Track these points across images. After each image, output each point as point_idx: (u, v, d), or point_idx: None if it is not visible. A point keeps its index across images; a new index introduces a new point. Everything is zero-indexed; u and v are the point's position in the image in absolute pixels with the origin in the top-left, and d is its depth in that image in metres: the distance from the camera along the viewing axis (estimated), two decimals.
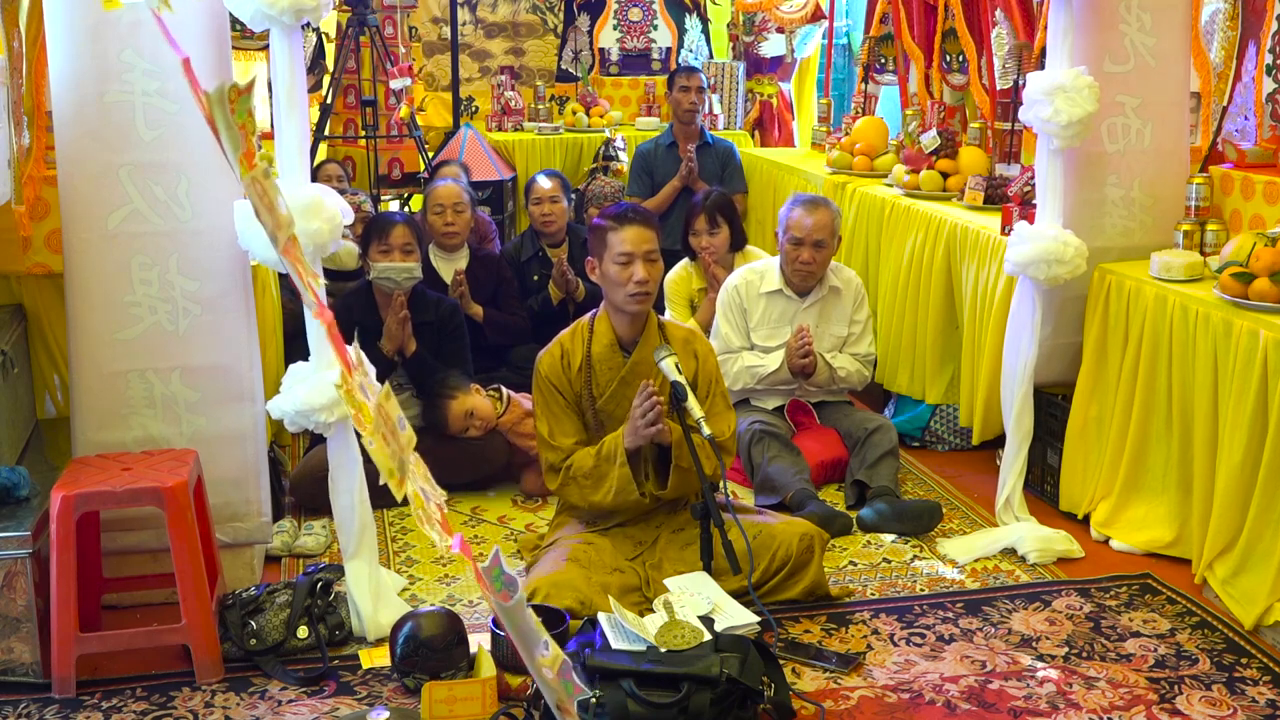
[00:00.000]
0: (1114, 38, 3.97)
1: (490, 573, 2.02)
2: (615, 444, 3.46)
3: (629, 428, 3.43)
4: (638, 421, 3.39)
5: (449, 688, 2.90)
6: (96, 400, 3.40)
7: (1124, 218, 4.10)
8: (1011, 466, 3.93)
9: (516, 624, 2.09)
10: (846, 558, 3.86)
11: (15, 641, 3.07)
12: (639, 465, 3.48)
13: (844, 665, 3.17)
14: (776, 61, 8.08)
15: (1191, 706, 3.00)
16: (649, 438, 3.41)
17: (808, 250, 4.41)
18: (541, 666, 2.14)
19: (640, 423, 3.38)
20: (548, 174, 5.71)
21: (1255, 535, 3.35)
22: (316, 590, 3.30)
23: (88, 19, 3.24)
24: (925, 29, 6.03)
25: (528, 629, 2.10)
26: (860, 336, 4.58)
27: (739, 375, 4.45)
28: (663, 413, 3.38)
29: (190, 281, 3.39)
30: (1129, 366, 3.87)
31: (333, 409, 3.24)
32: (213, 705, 3.03)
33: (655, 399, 3.36)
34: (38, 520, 3.07)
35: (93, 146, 3.30)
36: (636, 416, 3.39)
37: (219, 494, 3.47)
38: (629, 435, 3.43)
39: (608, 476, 3.47)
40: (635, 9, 8.10)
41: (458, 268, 5.08)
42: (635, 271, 3.47)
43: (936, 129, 5.33)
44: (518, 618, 2.08)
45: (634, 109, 7.97)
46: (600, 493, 3.50)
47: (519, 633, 2.11)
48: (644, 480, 3.49)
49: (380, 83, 6.77)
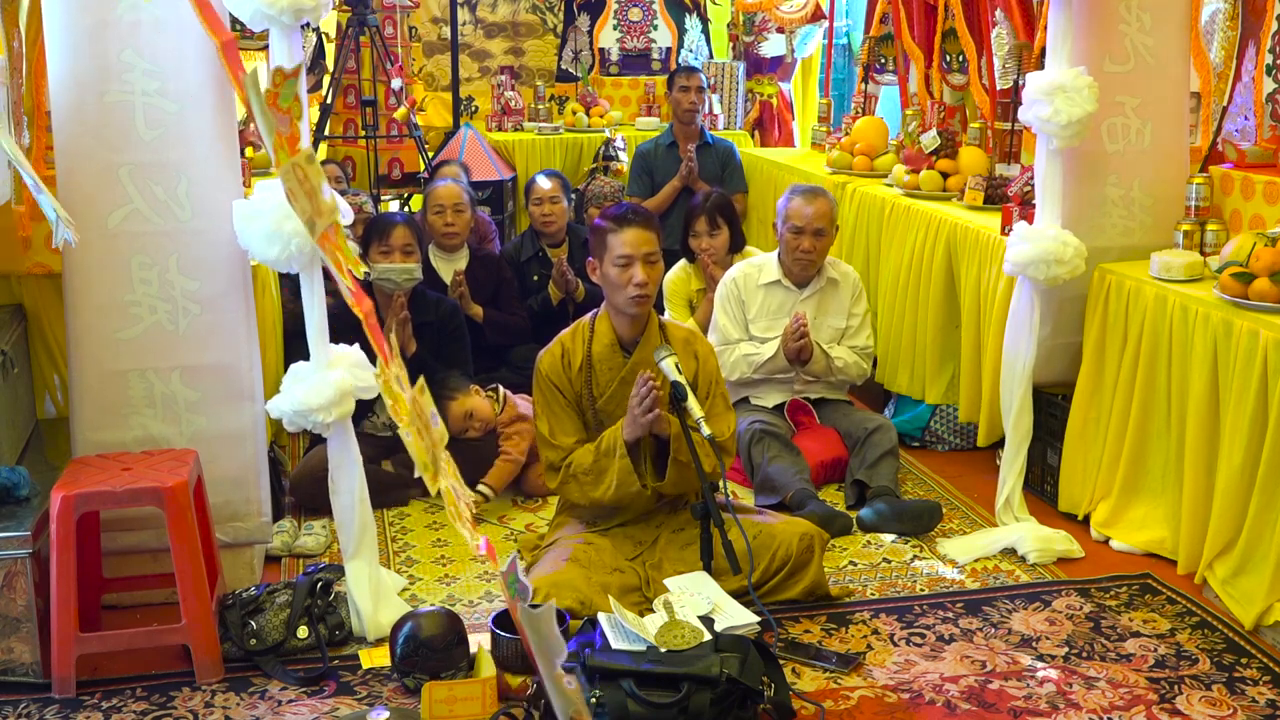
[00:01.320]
0: (1114, 38, 3.97)
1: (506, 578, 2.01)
2: (614, 438, 3.46)
3: (627, 419, 3.43)
4: (635, 410, 3.39)
5: (449, 688, 2.90)
6: (96, 400, 3.40)
7: (1124, 218, 4.10)
8: (1011, 466, 3.93)
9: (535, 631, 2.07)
10: (846, 558, 3.86)
11: (15, 641, 3.07)
12: (639, 460, 3.48)
13: (844, 665, 3.17)
14: (776, 61, 8.08)
15: (1191, 706, 3.00)
16: (647, 425, 3.40)
17: (808, 239, 4.42)
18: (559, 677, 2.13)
19: (638, 411, 3.38)
20: (548, 174, 5.72)
21: (1255, 535, 3.35)
22: (316, 590, 3.30)
23: (87, 19, 3.24)
24: (925, 29, 6.03)
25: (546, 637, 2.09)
26: (858, 329, 4.58)
27: (736, 364, 4.45)
28: (660, 399, 3.38)
29: (190, 281, 3.38)
30: (1129, 366, 3.87)
31: (331, 409, 3.24)
32: (213, 705, 3.03)
33: (652, 385, 3.36)
34: (38, 520, 3.07)
35: (93, 146, 3.30)
36: (634, 405, 3.39)
37: (219, 494, 3.47)
38: (628, 427, 3.43)
39: (608, 471, 3.47)
40: (635, 9, 8.10)
41: (458, 268, 5.08)
42: (635, 274, 3.47)
43: (936, 129, 5.33)
44: (535, 625, 2.07)
45: (634, 109, 7.97)
46: (601, 488, 3.49)
47: (536, 640, 2.09)
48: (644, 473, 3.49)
49: (380, 83, 6.77)
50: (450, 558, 3.89)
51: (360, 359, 3.39)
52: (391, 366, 2.06)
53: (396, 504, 4.30)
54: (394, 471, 4.35)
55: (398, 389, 2.04)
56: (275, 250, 3.18)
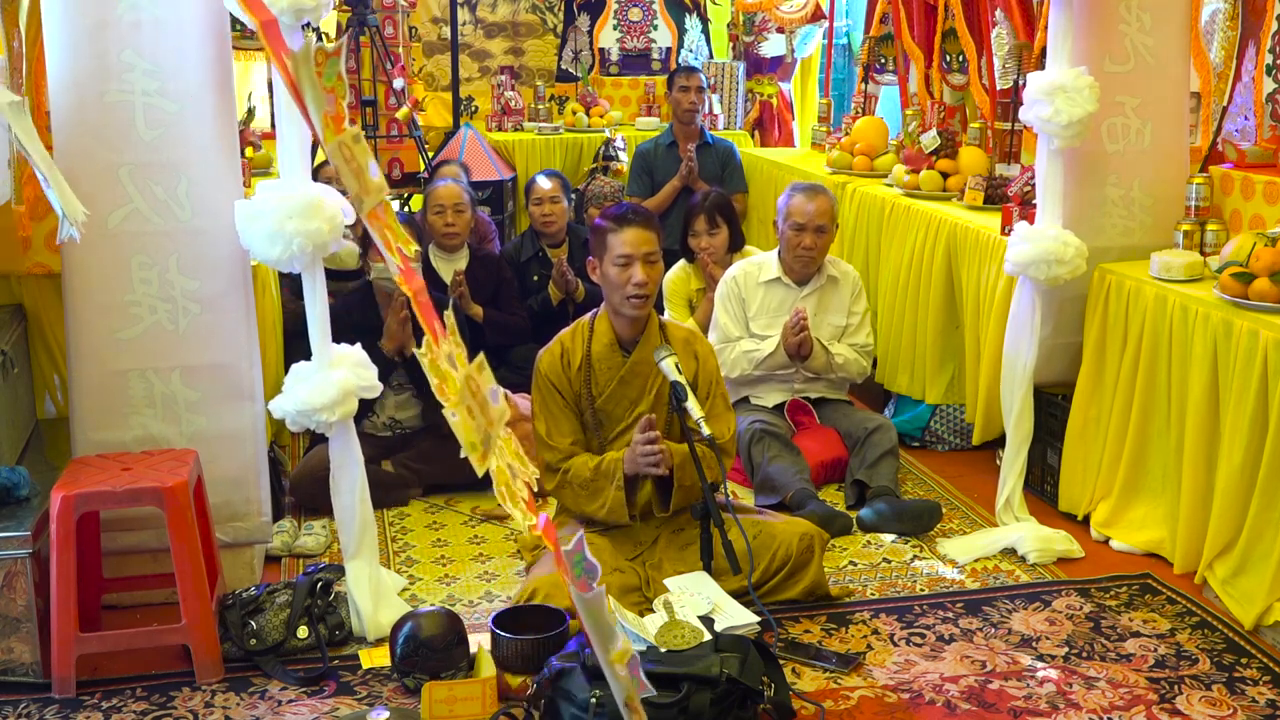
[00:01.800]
0: (1114, 38, 3.97)
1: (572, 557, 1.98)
2: (615, 464, 3.47)
3: (629, 454, 3.43)
4: (639, 458, 3.40)
5: (449, 688, 2.90)
6: (96, 400, 3.40)
7: (1124, 218, 4.09)
8: (1011, 466, 3.93)
9: (594, 616, 2.02)
10: (846, 558, 3.86)
11: (15, 641, 3.07)
12: (636, 483, 3.50)
13: (844, 665, 3.16)
14: (777, 61, 8.08)
15: (1191, 706, 2.99)
16: (648, 474, 3.44)
17: (809, 235, 4.43)
18: (614, 663, 2.09)
19: (642, 460, 3.39)
20: (548, 174, 5.72)
21: (1255, 535, 3.35)
22: (316, 590, 3.30)
23: (87, 19, 3.24)
24: (925, 29, 6.03)
25: (603, 622, 2.05)
26: (858, 328, 4.58)
27: (736, 361, 4.45)
28: (665, 460, 3.39)
29: (190, 281, 3.38)
30: (1129, 366, 3.87)
31: (334, 408, 3.24)
32: (213, 705, 3.03)
33: (659, 447, 3.37)
34: (38, 520, 3.07)
35: (93, 146, 3.30)
36: (639, 453, 3.40)
37: (219, 494, 3.47)
38: (629, 462, 3.44)
39: (603, 492, 3.48)
40: (635, 9, 8.10)
41: (458, 268, 5.08)
42: (634, 274, 3.47)
43: (936, 129, 5.33)
44: (595, 609, 2.03)
45: (634, 109, 7.97)
46: (594, 505, 3.51)
47: (594, 625, 2.04)
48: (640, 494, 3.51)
49: (380, 83, 6.77)
50: (450, 558, 3.89)
51: (362, 358, 3.39)
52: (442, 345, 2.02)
53: (396, 504, 4.30)
54: (394, 471, 4.35)
55: (446, 367, 2.00)
56: (278, 250, 3.18)
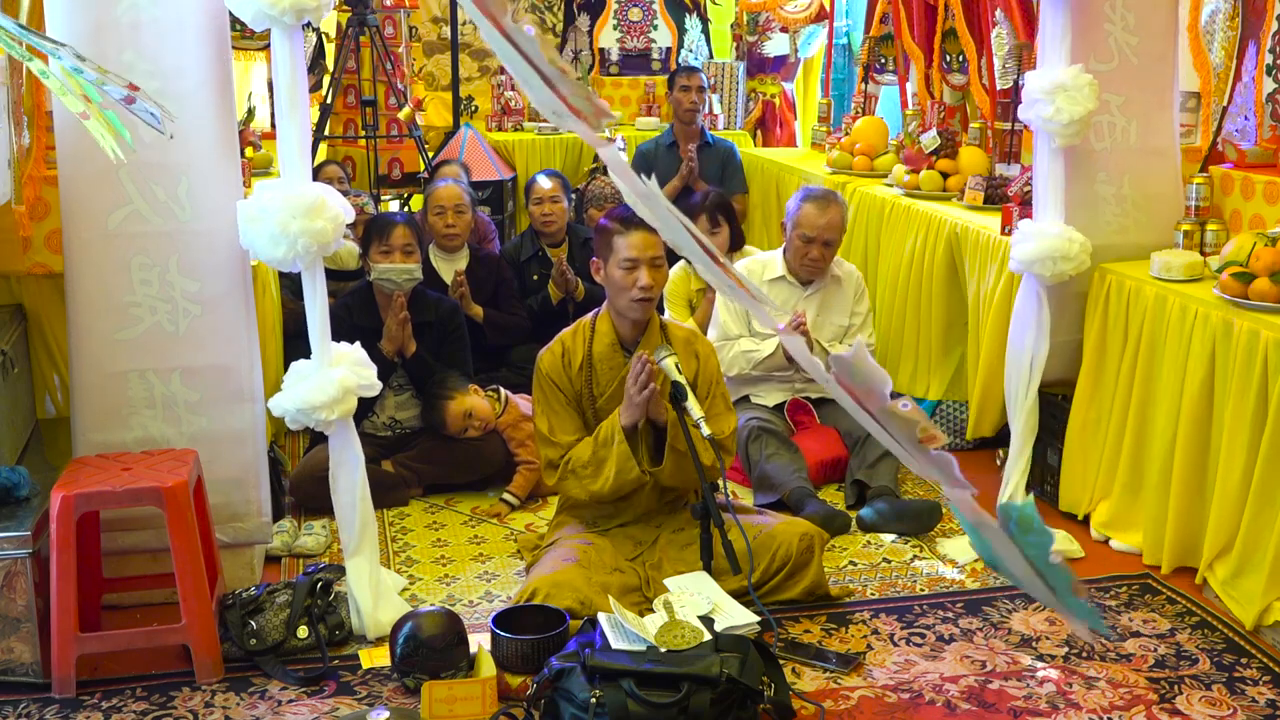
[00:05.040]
0: (1098, 36, 3.97)
1: None
2: (612, 426, 3.47)
3: (624, 404, 3.44)
4: (631, 391, 3.40)
5: (449, 688, 2.90)
6: (96, 400, 3.40)
7: (1118, 215, 4.09)
8: (1016, 465, 3.92)
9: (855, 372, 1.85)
10: (846, 558, 3.86)
11: (15, 641, 3.07)
12: (636, 447, 3.48)
13: (844, 665, 3.17)
14: (780, 61, 8.08)
15: (1191, 706, 3.00)
16: (643, 405, 3.41)
17: (817, 248, 4.44)
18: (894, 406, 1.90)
19: (633, 390, 3.39)
20: (548, 174, 5.72)
21: (1255, 535, 3.34)
22: (316, 590, 3.30)
23: (87, 19, 3.24)
24: (925, 29, 6.03)
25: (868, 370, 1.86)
26: (861, 328, 4.59)
27: (734, 360, 4.45)
28: (655, 373, 3.39)
29: (190, 281, 3.38)
30: (1129, 366, 3.86)
31: (334, 407, 3.24)
32: (213, 705, 3.03)
33: (648, 365, 3.36)
34: (38, 520, 3.07)
35: (93, 146, 3.26)
36: (630, 386, 3.40)
37: (219, 494, 3.47)
38: (625, 411, 3.44)
39: (607, 460, 3.47)
40: (635, 9, 8.10)
41: (458, 268, 5.08)
42: (640, 277, 3.47)
43: (936, 129, 5.33)
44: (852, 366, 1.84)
45: (634, 109, 7.97)
46: (600, 480, 3.49)
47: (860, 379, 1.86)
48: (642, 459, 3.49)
49: (380, 83, 6.77)
50: (450, 558, 3.89)
51: (361, 357, 3.39)
52: None
53: (396, 504, 4.30)
54: (394, 471, 4.34)
55: None
56: (281, 250, 3.18)
